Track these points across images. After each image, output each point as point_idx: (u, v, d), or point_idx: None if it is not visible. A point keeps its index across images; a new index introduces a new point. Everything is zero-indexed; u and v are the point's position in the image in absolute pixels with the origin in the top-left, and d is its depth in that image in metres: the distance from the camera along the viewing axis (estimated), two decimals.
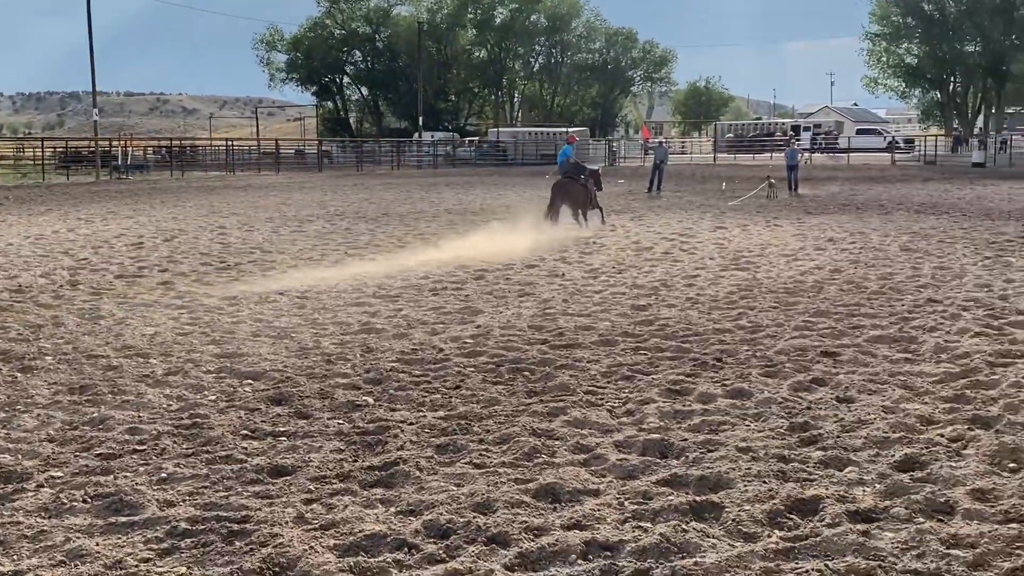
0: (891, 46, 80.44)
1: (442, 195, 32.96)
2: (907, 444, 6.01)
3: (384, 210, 26.17)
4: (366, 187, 38.14)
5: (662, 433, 6.32)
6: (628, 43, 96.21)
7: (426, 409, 6.96)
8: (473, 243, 17.40)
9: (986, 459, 5.69)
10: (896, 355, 8.43)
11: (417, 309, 10.96)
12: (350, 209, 26.63)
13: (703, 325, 9.87)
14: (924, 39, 77.91)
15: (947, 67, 79.41)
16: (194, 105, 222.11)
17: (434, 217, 23.77)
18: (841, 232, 18.86)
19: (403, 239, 18.51)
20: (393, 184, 40.57)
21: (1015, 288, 11.83)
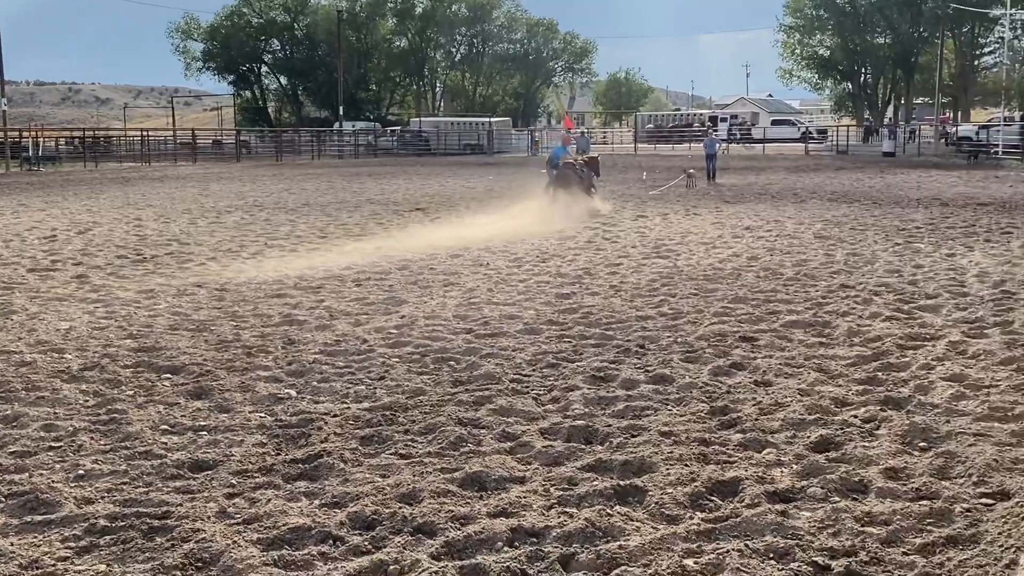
0: (805, 38, 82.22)
1: (364, 185, 32.68)
2: (822, 425, 6.17)
3: (304, 200, 25.86)
4: (286, 177, 37.61)
5: (587, 419, 6.37)
6: (549, 34, 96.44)
7: (350, 400, 6.90)
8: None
9: (898, 439, 5.87)
10: (811, 339, 8.64)
11: (340, 300, 10.86)
12: (269, 200, 26.25)
13: (626, 312, 9.97)
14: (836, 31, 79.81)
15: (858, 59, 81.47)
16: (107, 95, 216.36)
17: (356, 207, 23.57)
18: (758, 220, 19.23)
19: (325, 230, 18.31)
20: (313, 174, 40.07)
21: (924, 273, 12.22)
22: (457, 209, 22.80)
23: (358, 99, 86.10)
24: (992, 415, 6.31)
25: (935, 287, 11.12)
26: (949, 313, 9.63)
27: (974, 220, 18.51)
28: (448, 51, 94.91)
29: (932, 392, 6.86)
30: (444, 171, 42.12)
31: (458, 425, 6.29)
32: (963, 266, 12.77)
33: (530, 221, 19.05)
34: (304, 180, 35.88)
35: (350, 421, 6.41)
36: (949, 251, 14.24)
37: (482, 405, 6.74)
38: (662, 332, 9.01)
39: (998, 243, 15.09)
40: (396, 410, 6.65)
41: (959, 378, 7.18)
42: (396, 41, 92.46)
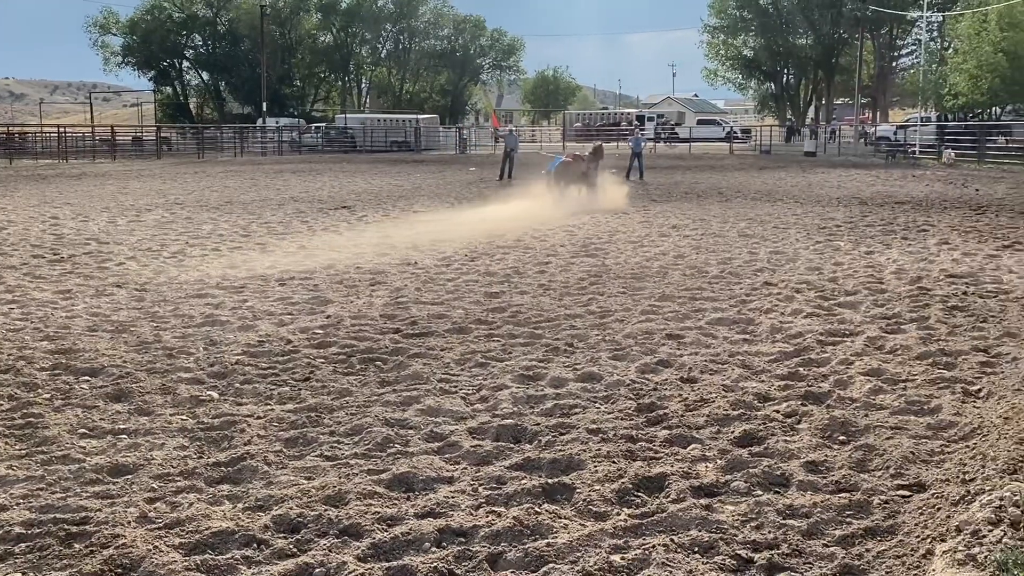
0: (729, 39, 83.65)
1: (288, 182, 32.29)
2: (746, 420, 6.29)
3: (227, 198, 25.46)
4: (208, 175, 36.97)
5: (515, 418, 6.40)
6: (476, 31, 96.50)
7: (274, 402, 6.83)
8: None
9: (818, 433, 6.02)
10: (735, 336, 8.80)
11: (263, 300, 10.72)
12: (191, 198, 25.78)
13: (555, 311, 10.03)
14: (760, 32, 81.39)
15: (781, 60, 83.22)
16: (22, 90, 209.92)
17: (279, 205, 23.28)
18: (684, 219, 19.50)
19: (248, 228, 18.06)
20: (236, 172, 39.45)
21: (843, 271, 12.52)
22: (384, 207, 22.67)
23: (282, 95, 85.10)
24: (909, 409, 6.50)
25: (854, 284, 11.41)
26: (868, 309, 9.89)
27: (892, 218, 19.03)
28: (374, 47, 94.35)
29: (851, 387, 7.04)
30: (370, 168, 41.82)
31: (385, 426, 6.26)
32: (881, 263, 13.12)
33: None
34: (227, 177, 35.31)
35: (274, 423, 6.34)
36: (868, 249, 14.62)
37: (410, 405, 6.72)
38: (590, 330, 9.08)
39: (915, 241, 15.54)
40: (321, 411, 6.59)
41: (877, 373, 7.38)
42: (321, 36, 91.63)
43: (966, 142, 46.00)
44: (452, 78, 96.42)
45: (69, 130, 59.26)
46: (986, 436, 5.70)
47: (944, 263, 13.04)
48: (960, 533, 4.13)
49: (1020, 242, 15.18)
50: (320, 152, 60.78)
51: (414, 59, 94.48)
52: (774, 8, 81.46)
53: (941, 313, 9.58)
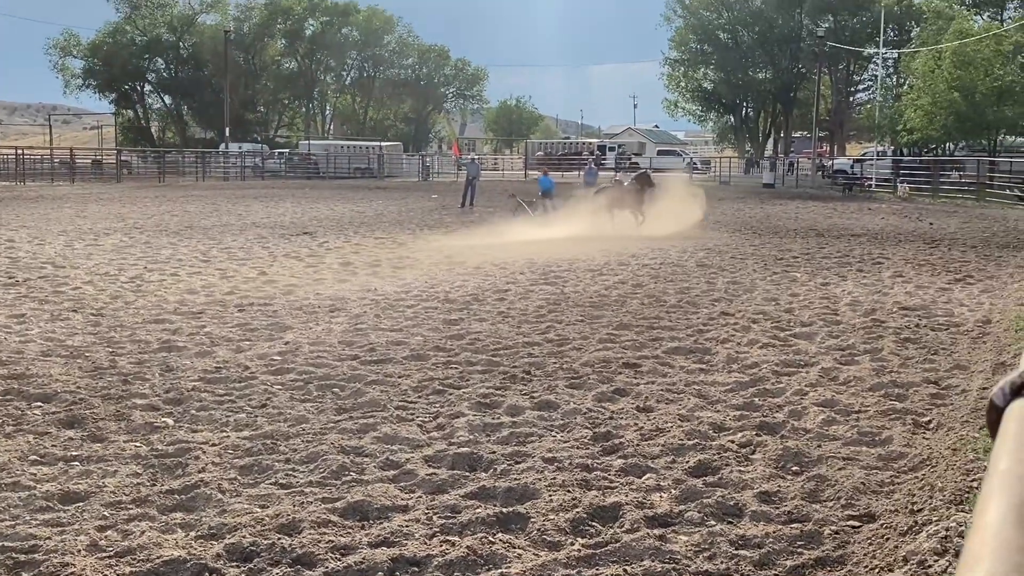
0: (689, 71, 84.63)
1: (250, 208, 32.12)
2: (701, 450, 6.33)
3: (187, 223, 25.25)
4: (168, 199, 36.66)
5: (471, 447, 6.39)
6: (441, 60, 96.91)
7: (230, 429, 6.77)
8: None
9: (772, 463, 6.07)
10: (692, 365, 8.87)
11: (222, 326, 10.64)
12: (150, 222, 25.55)
13: (513, 339, 10.05)
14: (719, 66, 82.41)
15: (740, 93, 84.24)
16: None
17: (241, 231, 23.14)
18: (642, 248, 19.63)
19: (208, 254, 17.92)
20: (197, 196, 39.17)
21: (799, 302, 12.67)
22: (346, 233, 22.62)
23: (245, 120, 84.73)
24: (861, 439, 6.58)
25: (810, 315, 11.55)
26: (823, 340, 10.01)
27: (848, 250, 19.31)
28: (338, 74, 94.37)
29: (805, 417, 7.12)
30: (333, 195, 41.71)
31: (341, 453, 6.23)
32: (837, 295, 13.30)
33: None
34: (187, 202, 35.05)
35: (229, 450, 6.28)
36: (824, 280, 14.81)
37: (366, 433, 6.69)
38: (548, 358, 9.11)
39: (870, 273, 15.78)
40: (277, 439, 6.55)
41: (831, 404, 7.47)
42: (285, 63, 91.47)
43: (921, 176, 46.84)
44: (416, 106, 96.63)
45: (27, 152, 58.56)
46: (935, 467, 5.78)
47: (898, 295, 13.25)
48: (907, 563, 4.18)
49: (972, 276, 15.46)
50: (283, 178, 60.54)
51: (378, 87, 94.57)
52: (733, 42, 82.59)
53: (894, 345, 9.72)
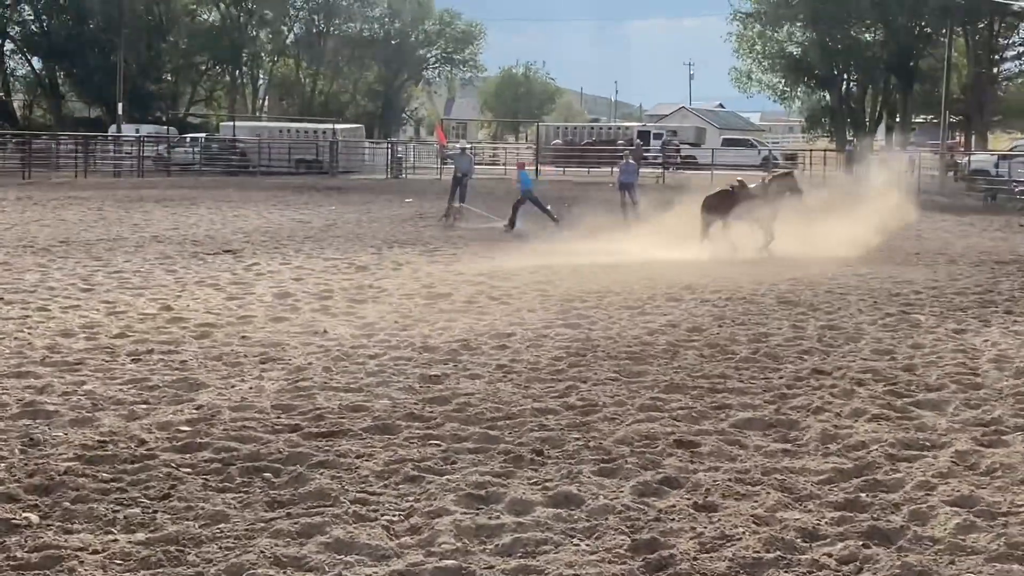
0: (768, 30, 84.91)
1: (150, 216, 32.17)
2: (785, 568, 6.27)
3: (62, 236, 25.31)
4: (36, 202, 36.78)
5: (459, 558, 6.34)
6: (420, 12, 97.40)
7: (118, 530, 6.73)
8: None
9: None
10: (772, 445, 8.81)
11: (108, 383, 10.61)
12: (10, 235, 25.61)
13: (518, 404, 10.00)
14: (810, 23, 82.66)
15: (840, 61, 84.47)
16: None
17: (137, 247, 23.19)
18: (701, 277, 19.59)
19: (90, 280, 17.94)
20: (77, 198, 39.27)
21: (923, 356, 12.62)
22: (284, 251, 22.64)
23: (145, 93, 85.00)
24: (1011, 554, 6.52)
25: (938, 375, 11.50)
26: (956, 412, 9.95)
27: (992, 284, 19.30)
28: (277, 30, 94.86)
29: (932, 522, 7.06)
30: (267, 198, 41.80)
31: (275, 566, 6.19)
32: (976, 347, 13.25)
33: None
34: (63, 207, 35.13)
35: (116, 560, 6.25)
36: (958, 326, 14.77)
37: (310, 537, 6.65)
38: (567, 432, 9.05)
39: (1023, 317, 15.74)
40: (185, 544, 6.51)
41: (968, 502, 7.41)
42: (203, 14, 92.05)
43: None
44: (385, 75, 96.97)
45: None
46: None
47: None
48: None
49: None
50: (197, 173, 60.70)
51: (332, 48, 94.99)
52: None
53: None
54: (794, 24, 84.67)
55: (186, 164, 63.67)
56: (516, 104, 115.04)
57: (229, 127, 72.25)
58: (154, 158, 63.18)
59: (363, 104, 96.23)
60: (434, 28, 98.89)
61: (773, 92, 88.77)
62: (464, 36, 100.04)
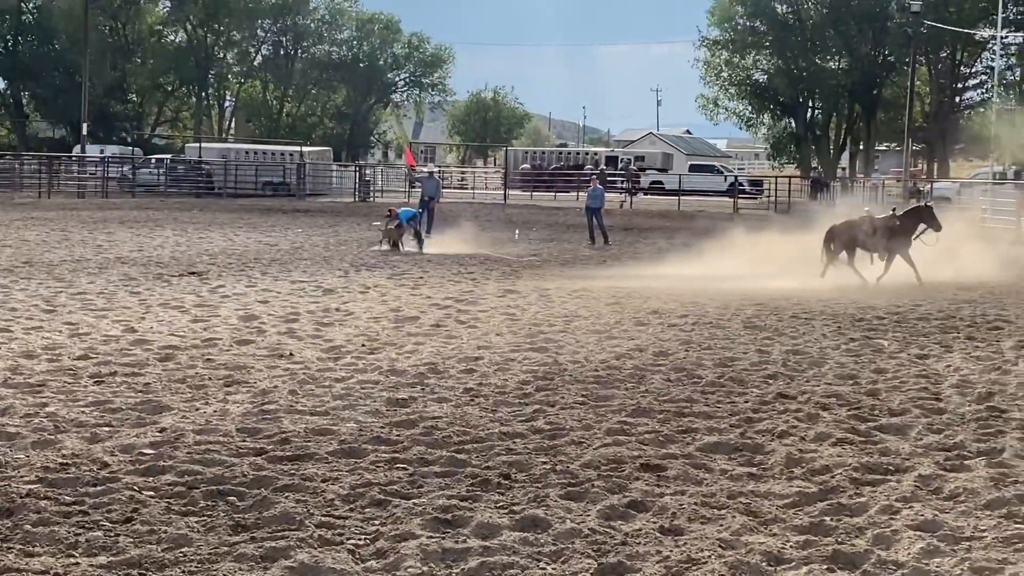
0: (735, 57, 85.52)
1: (114, 237, 32.04)
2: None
3: (25, 258, 25.15)
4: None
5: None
6: (388, 35, 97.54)
7: (80, 553, 6.68)
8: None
9: None
10: (738, 469, 8.83)
11: (70, 405, 10.54)
12: None
13: (485, 427, 10.00)
14: (776, 50, 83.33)
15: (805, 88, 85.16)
16: None
17: (101, 269, 23.06)
18: (668, 302, 19.67)
19: (53, 301, 17.83)
20: (41, 219, 39.08)
21: (887, 381, 12.70)
22: (249, 274, 22.56)
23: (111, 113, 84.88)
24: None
25: (902, 400, 11.56)
26: (920, 436, 10.01)
27: (954, 310, 19.43)
28: (244, 51, 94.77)
29: (896, 545, 7.09)
30: (233, 219, 41.75)
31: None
32: (939, 372, 13.33)
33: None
34: (26, 227, 34.95)
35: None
36: (921, 351, 14.87)
37: (274, 561, 6.62)
38: (535, 456, 9.05)
39: (984, 342, 15.85)
40: (148, 568, 6.46)
41: (931, 526, 7.45)
42: (169, 34, 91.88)
43: None
44: (353, 98, 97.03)
45: None
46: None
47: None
48: None
49: None
50: (162, 195, 60.53)
51: (300, 70, 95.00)
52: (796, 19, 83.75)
53: (1020, 444, 9.71)
54: (760, 52, 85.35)
55: (151, 185, 63.44)
56: (485, 128, 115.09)
57: (195, 148, 72.05)
58: (119, 179, 62.92)
59: (331, 127, 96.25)
60: (403, 51, 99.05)
61: (739, 119, 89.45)
62: (433, 60, 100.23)
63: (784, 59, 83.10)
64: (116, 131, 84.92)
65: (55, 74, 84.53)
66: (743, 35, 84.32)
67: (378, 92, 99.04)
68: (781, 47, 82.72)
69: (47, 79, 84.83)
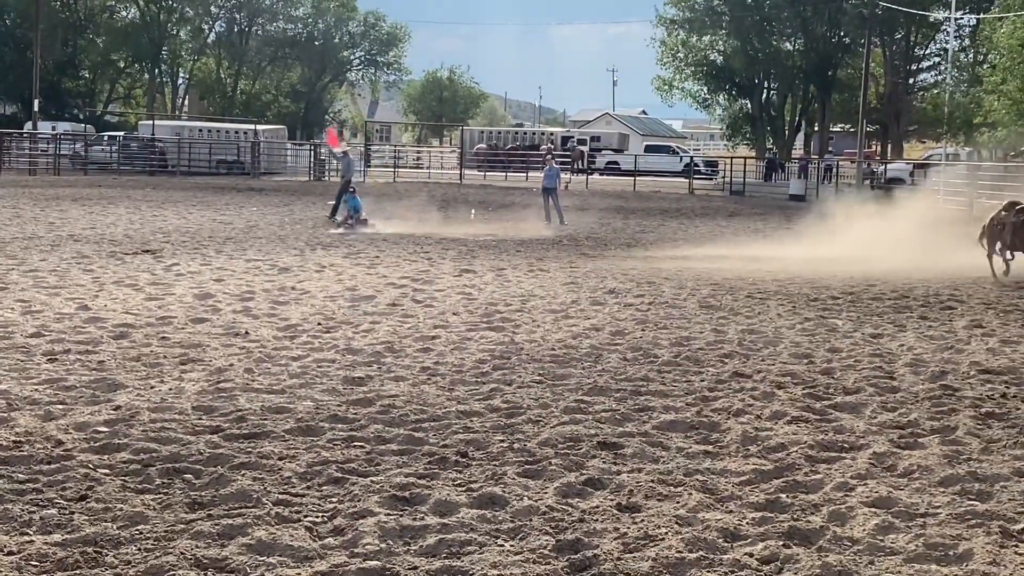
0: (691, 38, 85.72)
1: (67, 215, 31.77)
2: (707, 567, 6.32)
3: None
4: None
5: (383, 559, 6.33)
6: (343, 12, 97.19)
7: (34, 531, 6.64)
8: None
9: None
10: (694, 447, 8.88)
11: (23, 383, 10.46)
12: None
13: (443, 406, 10.00)
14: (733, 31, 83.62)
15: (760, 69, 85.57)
16: None
17: (53, 247, 22.86)
18: (625, 282, 19.73)
19: (4, 279, 17.67)
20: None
21: (841, 360, 12.79)
22: (204, 252, 22.44)
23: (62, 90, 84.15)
24: (928, 554, 6.62)
25: (856, 379, 11.65)
26: (874, 415, 10.09)
27: (906, 290, 19.59)
28: (198, 28, 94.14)
29: (851, 522, 7.15)
30: (187, 198, 41.46)
31: (195, 568, 6.14)
32: (892, 351, 13.44)
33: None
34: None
35: (33, 561, 6.17)
36: (875, 331, 14.98)
37: (232, 538, 6.60)
38: (492, 434, 9.06)
39: (937, 322, 16.00)
40: (103, 545, 6.43)
41: (886, 503, 7.52)
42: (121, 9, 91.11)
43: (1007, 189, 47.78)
44: (308, 76, 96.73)
45: None
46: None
47: (976, 353, 13.43)
48: None
49: None
50: (115, 172, 60.04)
51: (255, 47, 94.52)
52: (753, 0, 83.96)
53: (972, 422, 9.83)
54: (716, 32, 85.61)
55: (104, 163, 62.99)
56: (440, 107, 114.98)
57: (148, 126, 71.56)
58: (71, 156, 62.46)
59: (286, 105, 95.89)
60: (358, 29, 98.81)
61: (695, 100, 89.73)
62: (389, 38, 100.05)
63: (741, 40, 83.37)
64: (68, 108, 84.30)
65: (5, 50, 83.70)
66: (700, 15, 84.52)
67: (333, 70, 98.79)
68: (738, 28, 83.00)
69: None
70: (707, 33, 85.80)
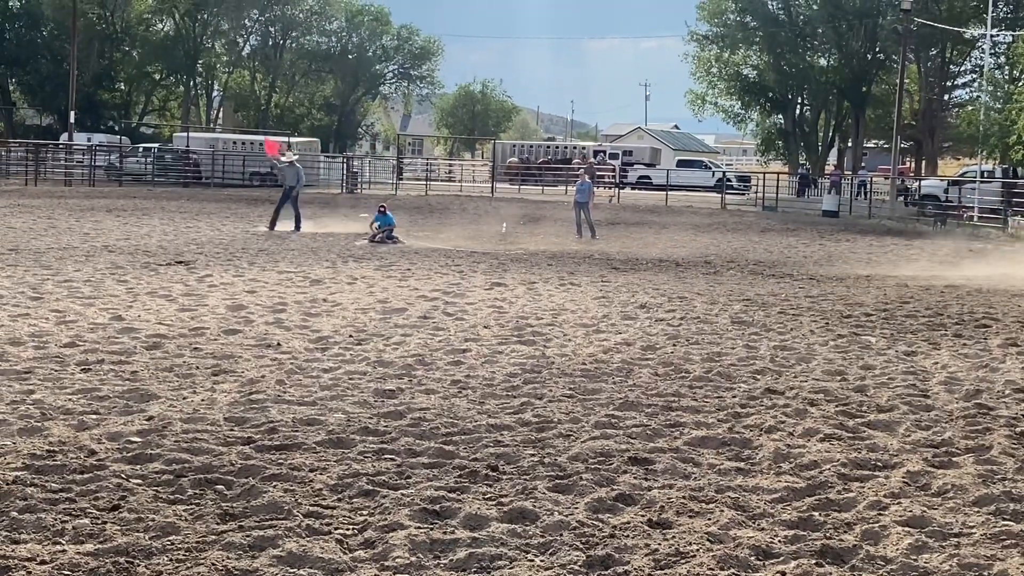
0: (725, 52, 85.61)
1: (101, 225, 31.97)
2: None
3: (11, 244, 25.07)
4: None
5: (413, 572, 6.33)
6: (377, 26, 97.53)
7: (67, 540, 6.66)
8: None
9: None
10: (725, 464, 8.84)
11: (57, 392, 10.51)
12: None
13: (473, 419, 10.00)
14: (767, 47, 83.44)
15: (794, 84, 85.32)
16: None
17: (88, 257, 22.99)
18: (656, 296, 19.69)
19: (40, 288, 17.78)
20: (27, 206, 38.97)
21: (875, 378, 12.72)
22: (237, 263, 22.52)
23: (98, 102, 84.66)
24: (963, 574, 6.57)
25: (890, 397, 11.59)
26: (908, 432, 10.03)
27: (941, 307, 19.48)
28: (233, 42, 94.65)
29: (884, 541, 7.10)
30: (220, 209, 41.68)
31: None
32: (926, 369, 13.36)
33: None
34: (12, 214, 34.84)
35: (65, 571, 6.18)
36: (909, 348, 14.90)
37: (263, 550, 6.61)
38: (522, 448, 9.06)
39: (972, 340, 15.89)
40: (135, 555, 6.45)
41: (920, 522, 7.46)
42: (157, 23, 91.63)
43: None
44: (341, 89, 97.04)
45: None
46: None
47: (1012, 372, 13.33)
48: None
49: None
50: (150, 184, 60.43)
51: (289, 61, 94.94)
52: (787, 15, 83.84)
53: (1007, 441, 9.75)
54: (750, 48, 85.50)
55: (138, 174, 63.40)
56: (472, 121, 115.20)
57: (183, 138, 71.97)
58: (106, 167, 62.86)
59: (319, 118, 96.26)
60: (392, 43, 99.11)
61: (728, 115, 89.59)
62: (422, 52, 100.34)
63: (774, 55, 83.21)
64: (104, 119, 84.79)
65: (42, 62, 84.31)
66: (733, 31, 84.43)
67: (367, 84, 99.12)
68: (772, 43, 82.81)
69: (34, 67, 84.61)
70: (740, 48, 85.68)
